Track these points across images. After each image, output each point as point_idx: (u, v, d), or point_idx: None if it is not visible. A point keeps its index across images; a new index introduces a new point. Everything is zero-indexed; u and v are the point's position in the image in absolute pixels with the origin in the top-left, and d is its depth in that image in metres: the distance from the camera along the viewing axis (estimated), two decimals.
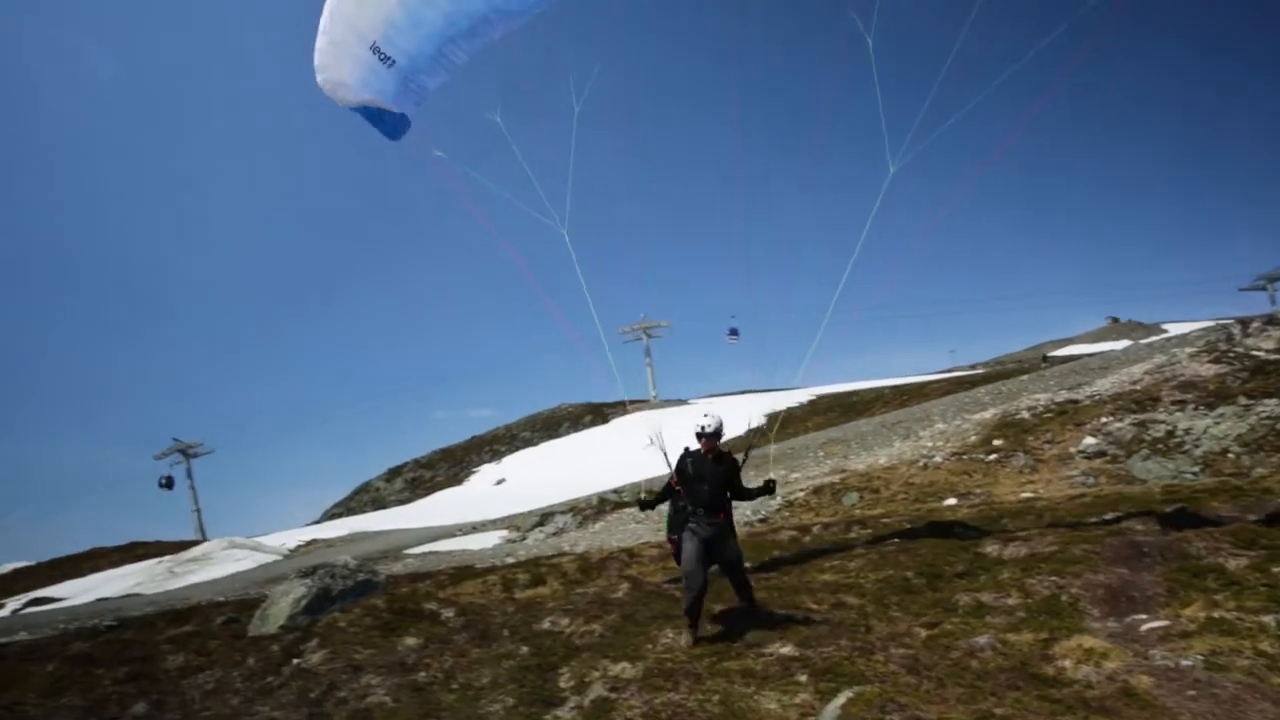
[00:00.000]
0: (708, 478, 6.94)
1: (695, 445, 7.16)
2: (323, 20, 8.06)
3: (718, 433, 7.08)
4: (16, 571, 44.25)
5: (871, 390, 47.20)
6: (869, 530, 10.34)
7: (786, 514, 15.72)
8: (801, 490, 16.99)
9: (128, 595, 25.23)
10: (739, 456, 7.31)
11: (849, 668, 5.38)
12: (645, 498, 7.70)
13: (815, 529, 11.11)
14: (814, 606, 7.23)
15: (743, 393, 62.27)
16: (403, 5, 7.75)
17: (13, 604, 31.05)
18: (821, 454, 22.60)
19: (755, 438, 8.12)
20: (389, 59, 7.89)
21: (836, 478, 17.26)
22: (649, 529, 16.89)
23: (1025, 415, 17.25)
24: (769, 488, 7.32)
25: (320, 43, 8.14)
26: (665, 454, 7.50)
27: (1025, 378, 26.71)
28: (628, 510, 20.83)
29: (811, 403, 46.64)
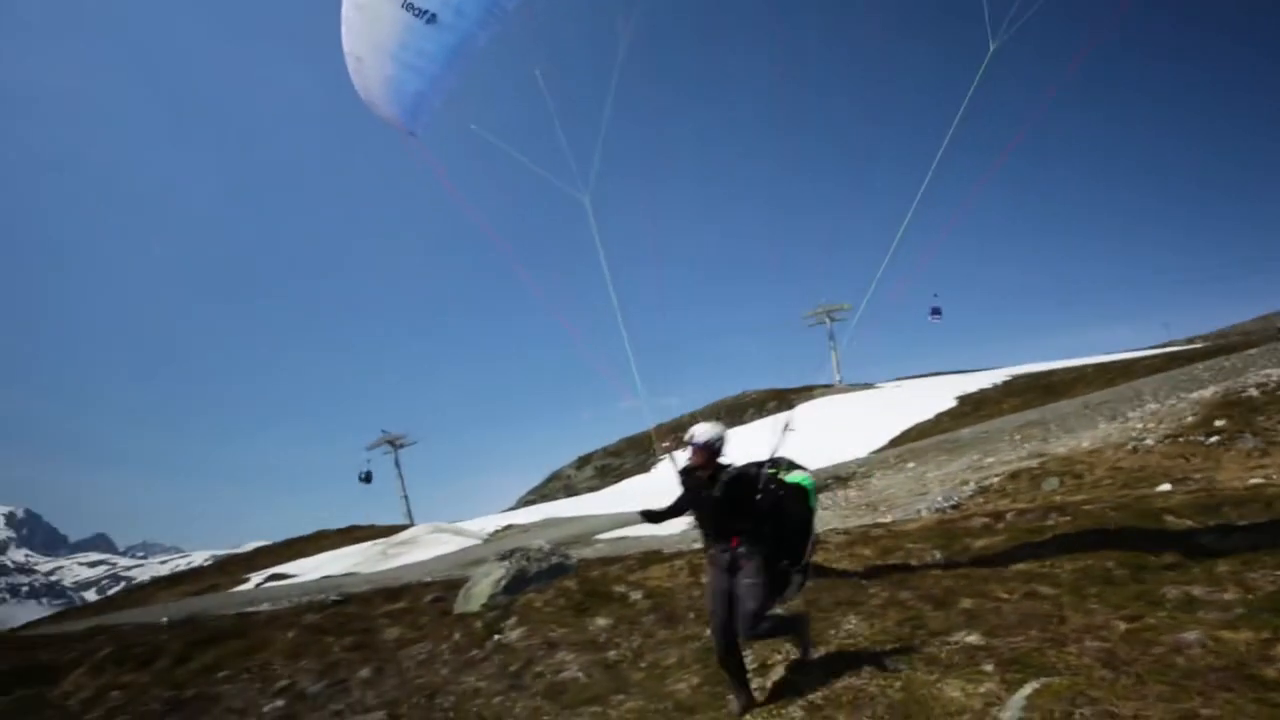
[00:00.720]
0: (703, 504, 5.86)
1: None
2: None
3: (708, 445, 5.79)
4: (256, 550, 49.80)
5: (1072, 369, 44.05)
6: (1068, 517, 9.78)
7: (981, 500, 15.12)
8: (997, 475, 16.28)
9: (347, 574, 27.82)
10: (764, 471, 5.97)
11: (1038, 658, 5.22)
12: (651, 510, 6.41)
13: (1009, 515, 10.63)
14: (1004, 595, 7.00)
15: (934, 374, 59.97)
16: None
17: (256, 578, 34.99)
18: (1018, 437, 21.48)
19: (782, 438, 6.40)
20: (426, 13, 6.61)
21: (1034, 462, 16.40)
22: (835, 515, 16.75)
23: (1253, 393, 15.64)
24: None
25: (345, 10, 7.09)
26: (676, 463, 6.28)
27: (1253, 351, 24.16)
28: (819, 495, 20.68)
29: (1006, 384, 44.21)
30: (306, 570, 34.00)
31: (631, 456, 61.84)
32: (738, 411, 61.50)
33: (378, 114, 7.41)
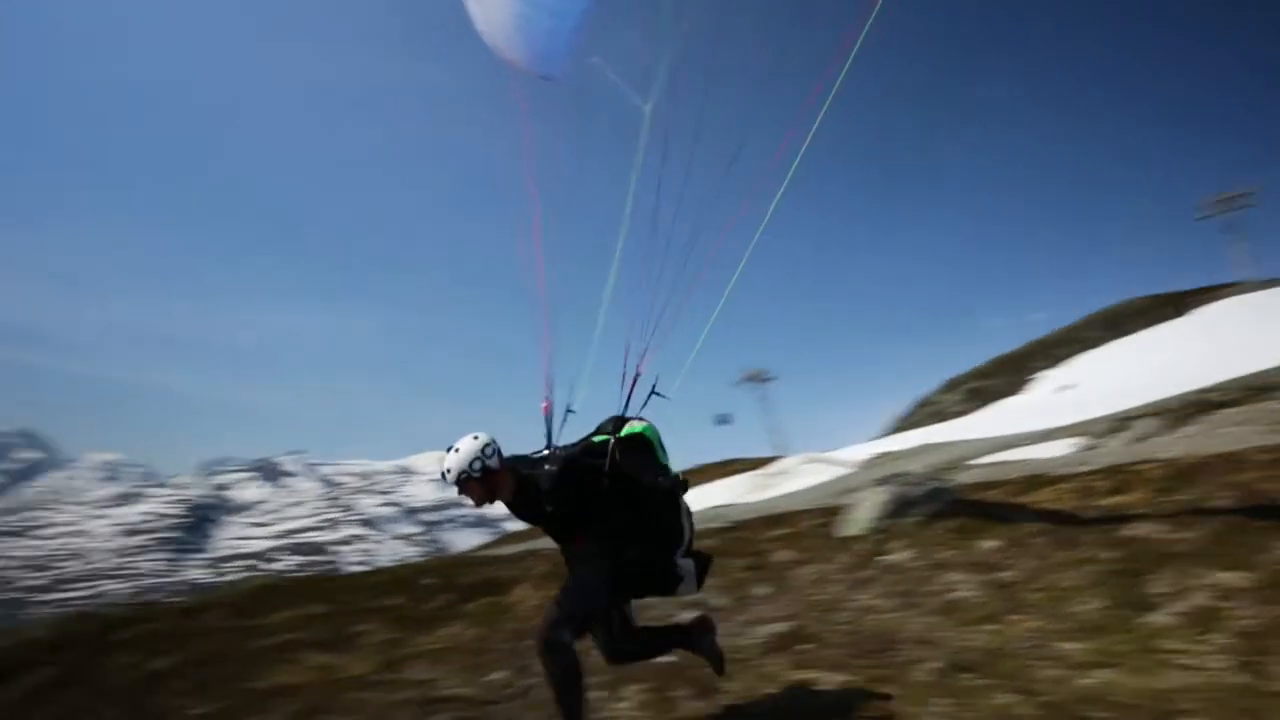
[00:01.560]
0: (539, 521, 4.72)
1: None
2: None
3: (466, 479, 4.35)
4: None
5: None
6: None
7: None
8: None
9: (729, 504, 29.66)
10: (591, 441, 4.78)
11: None
12: None
13: None
14: None
15: None
16: None
17: None
18: None
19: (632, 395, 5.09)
20: None
21: None
22: (1255, 431, 14.62)
23: None
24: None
25: None
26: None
27: None
28: (1229, 410, 18.14)
29: None
30: (691, 500, 36.84)
31: (1004, 376, 57.81)
32: (1119, 322, 54.50)
33: (505, 58, 6.49)
